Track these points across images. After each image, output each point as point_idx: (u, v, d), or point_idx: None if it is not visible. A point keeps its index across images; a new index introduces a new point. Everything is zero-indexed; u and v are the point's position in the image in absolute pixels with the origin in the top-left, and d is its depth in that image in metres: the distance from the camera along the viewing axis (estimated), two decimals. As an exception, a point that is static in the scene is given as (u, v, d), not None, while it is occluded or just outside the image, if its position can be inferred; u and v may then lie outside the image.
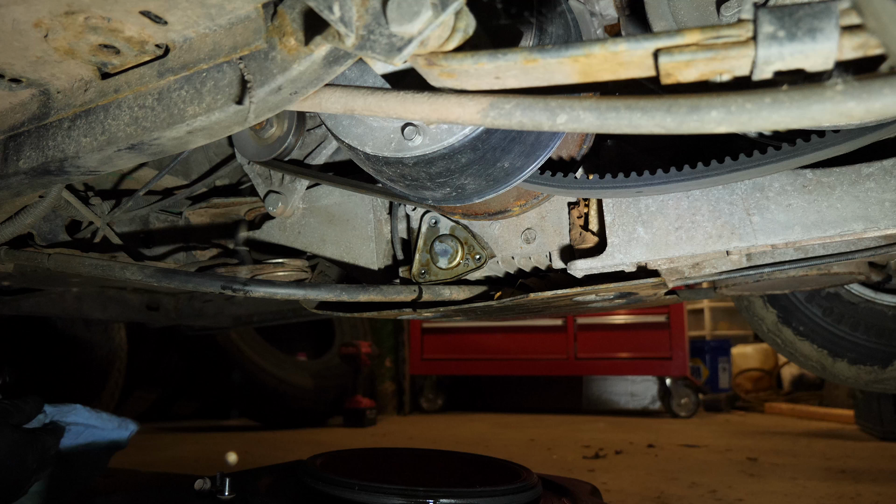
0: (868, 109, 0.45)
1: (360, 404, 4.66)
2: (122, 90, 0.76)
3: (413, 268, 1.18)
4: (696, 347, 6.41)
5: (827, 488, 2.48)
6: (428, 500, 1.09)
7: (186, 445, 3.60)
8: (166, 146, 0.78)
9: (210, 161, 1.44)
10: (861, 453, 3.36)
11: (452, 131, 0.78)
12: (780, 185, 0.92)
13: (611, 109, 0.54)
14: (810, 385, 6.34)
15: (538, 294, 1.07)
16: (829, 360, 2.02)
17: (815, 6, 0.47)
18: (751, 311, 2.18)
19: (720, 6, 0.77)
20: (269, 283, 1.11)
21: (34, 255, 1.22)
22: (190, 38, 0.73)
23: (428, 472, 1.36)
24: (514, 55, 0.57)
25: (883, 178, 0.87)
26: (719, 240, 0.94)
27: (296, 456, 1.62)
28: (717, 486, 2.50)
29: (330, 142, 1.19)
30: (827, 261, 1.14)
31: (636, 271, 1.05)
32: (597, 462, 3.10)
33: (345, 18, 0.56)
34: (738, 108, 0.49)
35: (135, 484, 2.36)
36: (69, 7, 0.66)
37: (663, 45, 0.52)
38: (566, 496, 1.34)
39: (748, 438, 4.01)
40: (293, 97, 0.69)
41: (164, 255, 1.48)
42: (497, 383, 6.19)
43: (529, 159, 0.87)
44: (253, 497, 1.17)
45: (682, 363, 5.31)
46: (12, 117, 0.83)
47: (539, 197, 1.07)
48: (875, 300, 1.94)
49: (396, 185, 0.92)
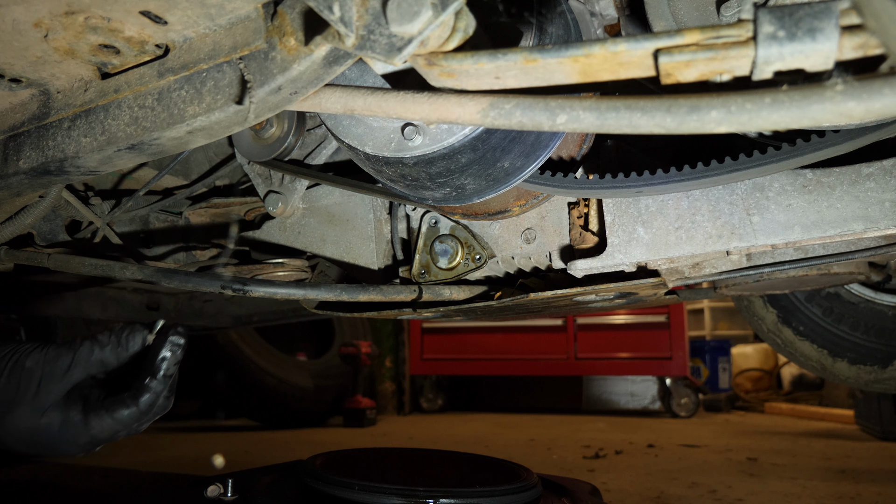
0: (868, 109, 0.45)
1: (360, 404, 4.66)
2: (122, 90, 0.76)
3: (413, 268, 1.18)
4: (696, 347, 6.42)
5: (827, 488, 2.48)
6: (428, 500, 1.09)
7: (186, 445, 3.60)
8: (166, 146, 0.78)
9: (210, 161, 1.44)
10: (861, 453, 3.36)
11: (452, 131, 0.78)
12: (780, 185, 0.92)
13: (611, 109, 0.54)
14: (810, 385, 6.35)
15: (538, 294, 1.07)
16: (829, 360, 2.02)
17: (815, 6, 0.47)
18: (751, 311, 2.18)
19: (720, 6, 0.77)
20: (268, 282, 1.11)
21: (34, 254, 1.22)
22: (190, 38, 0.73)
23: (428, 472, 1.36)
24: (514, 55, 0.57)
25: (883, 178, 0.87)
26: (719, 240, 0.94)
27: (296, 456, 1.62)
28: (717, 486, 2.50)
29: (330, 142, 1.19)
30: (827, 261, 1.14)
31: (636, 271, 1.05)
32: (597, 462, 3.10)
33: (345, 18, 0.56)
34: (738, 108, 0.49)
35: (135, 484, 2.36)
36: (69, 7, 0.66)
37: (663, 45, 0.52)
38: (566, 496, 1.34)
39: (748, 438, 4.01)
40: (293, 97, 0.69)
41: (164, 255, 1.48)
42: (497, 383, 6.19)
43: (529, 159, 0.87)
44: (253, 497, 1.17)
45: (682, 363, 5.31)
46: (12, 117, 0.83)
47: (539, 197, 1.07)
48: (875, 300, 1.94)
49: (396, 185, 0.92)
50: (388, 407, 5.76)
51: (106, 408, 0.78)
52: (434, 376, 5.99)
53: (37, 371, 0.76)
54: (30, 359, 0.76)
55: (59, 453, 0.77)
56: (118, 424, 0.77)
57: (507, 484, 1.19)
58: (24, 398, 0.74)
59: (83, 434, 0.76)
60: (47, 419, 0.74)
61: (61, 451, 0.76)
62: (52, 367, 0.77)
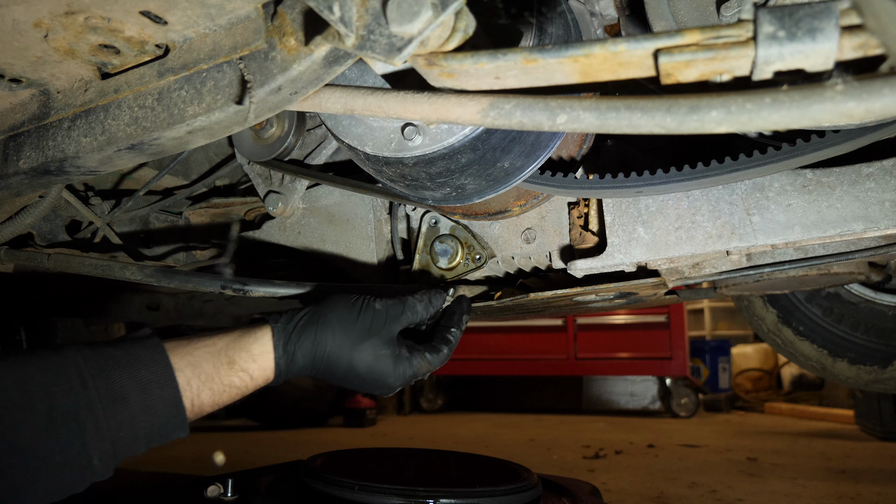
0: (868, 109, 0.45)
1: (360, 404, 4.66)
2: (122, 90, 0.76)
3: (413, 268, 1.18)
4: (696, 347, 6.41)
5: (827, 488, 2.48)
6: (428, 500, 1.09)
7: (186, 445, 3.60)
8: (166, 146, 0.78)
9: (210, 161, 1.44)
10: (861, 453, 3.36)
11: (452, 131, 0.78)
12: (780, 185, 0.92)
13: (611, 109, 0.54)
14: (810, 385, 6.34)
15: (538, 294, 1.07)
16: (829, 360, 2.02)
17: (815, 6, 0.47)
18: (751, 311, 2.18)
19: (720, 6, 0.77)
20: (268, 282, 1.11)
21: (34, 254, 1.22)
22: (190, 39, 0.73)
23: (428, 472, 1.36)
24: (514, 55, 0.57)
25: (883, 178, 0.87)
26: (719, 240, 0.94)
27: (296, 456, 1.62)
28: (717, 486, 2.50)
29: (330, 142, 1.19)
30: (827, 261, 1.14)
31: (636, 271, 1.05)
32: (597, 462, 3.10)
33: (345, 18, 0.56)
34: (738, 108, 0.49)
35: (135, 484, 2.36)
36: (69, 7, 0.66)
37: (663, 45, 0.52)
38: (566, 496, 1.34)
39: (748, 438, 4.01)
40: (293, 97, 0.69)
41: (164, 255, 1.48)
42: (497, 383, 6.19)
43: (529, 159, 0.87)
44: (254, 497, 1.17)
45: (682, 363, 5.32)
46: (12, 117, 0.83)
47: (539, 197, 1.07)
48: (875, 300, 1.94)
49: (396, 185, 0.92)
50: (388, 407, 5.76)
51: (426, 350, 0.93)
52: (434, 376, 5.99)
53: (383, 312, 0.91)
54: (377, 303, 0.91)
55: (378, 388, 0.90)
56: (428, 365, 0.93)
57: (508, 484, 1.19)
58: (377, 331, 0.89)
59: (408, 369, 0.90)
60: (387, 351, 0.89)
61: (384, 383, 0.89)
62: (393, 311, 0.92)
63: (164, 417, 0.75)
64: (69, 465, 0.69)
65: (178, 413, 0.76)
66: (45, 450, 0.68)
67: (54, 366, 0.72)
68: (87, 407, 0.70)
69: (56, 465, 0.68)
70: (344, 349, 0.87)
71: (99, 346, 0.76)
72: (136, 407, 0.73)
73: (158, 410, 0.75)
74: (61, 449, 0.68)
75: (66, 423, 0.69)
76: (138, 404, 0.73)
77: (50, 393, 0.70)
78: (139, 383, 0.74)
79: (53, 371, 0.71)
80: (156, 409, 0.74)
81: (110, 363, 0.74)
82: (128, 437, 0.73)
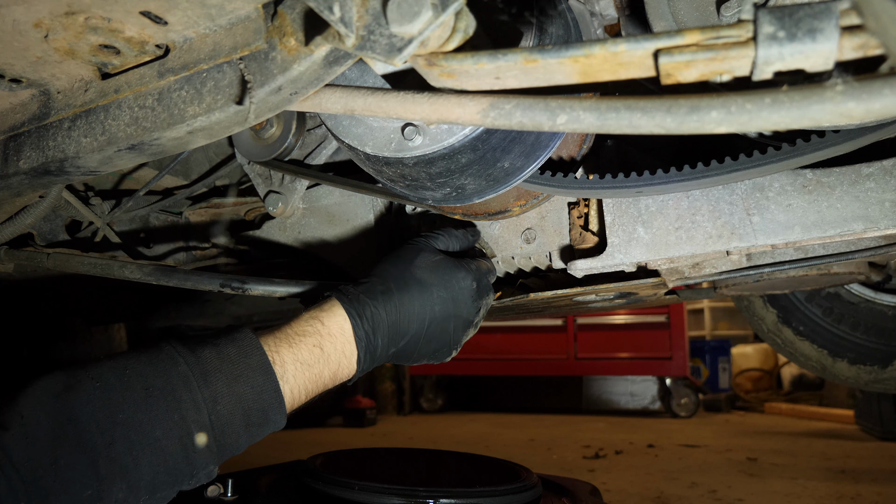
0: (868, 109, 0.45)
1: (360, 404, 4.67)
2: (122, 90, 0.76)
3: (413, 268, 1.18)
4: (696, 347, 6.42)
5: (827, 488, 2.48)
6: (428, 500, 1.09)
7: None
8: (166, 146, 0.78)
9: (210, 161, 1.44)
10: (861, 453, 3.36)
11: (452, 131, 0.78)
12: (780, 185, 0.92)
13: (611, 109, 0.54)
14: (810, 385, 6.35)
15: (538, 294, 1.07)
16: (829, 360, 2.02)
17: (815, 6, 0.47)
18: (751, 311, 2.18)
19: (720, 6, 0.77)
20: (267, 281, 1.11)
21: (34, 254, 1.22)
22: (190, 39, 0.73)
23: (428, 472, 1.36)
24: (514, 55, 0.57)
25: (883, 178, 0.87)
26: (719, 240, 0.94)
27: (296, 456, 1.62)
28: (717, 486, 2.50)
29: (330, 142, 1.19)
30: (827, 261, 1.14)
31: (636, 271, 1.05)
32: (597, 462, 3.11)
33: (345, 19, 0.56)
34: (738, 108, 0.49)
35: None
36: (69, 7, 0.66)
37: (663, 45, 0.52)
38: (566, 496, 1.34)
39: (748, 438, 4.01)
40: (293, 97, 0.69)
41: (164, 255, 1.48)
42: (497, 383, 6.19)
43: (529, 159, 0.87)
44: (253, 497, 1.17)
45: (682, 363, 5.32)
46: (12, 117, 0.83)
47: (539, 197, 1.07)
48: (875, 300, 1.94)
49: (396, 186, 0.92)
50: (388, 407, 5.76)
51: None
52: (434, 376, 5.99)
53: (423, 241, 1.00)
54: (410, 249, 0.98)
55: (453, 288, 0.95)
56: (487, 263, 1.03)
57: (508, 484, 1.19)
58: (422, 247, 0.98)
59: (470, 262, 0.98)
60: (439, 256, 0.96)
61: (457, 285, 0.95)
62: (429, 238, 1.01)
63: (257, 391, 0.75)
64: (169, 439, 0.68)
65: (271, 383, 0.76)
66: (145, 423, 0.67)
67: (148, 352, 0.73)
68: (183, 382, 0.71)
69: (156, 439, 0.67)
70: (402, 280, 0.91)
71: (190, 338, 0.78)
72: (229, 377, 0.74)
73: (251, 379, 0.75)
74: (160, 422, 0.68)
75: (164, 397, 0.69)
76: (230, 374, 0.74)
77: (144, 373, 0.70)
78: (229, 359, 0.75)
79: (147, 355, 0.73)
80: (248, 377, 0.75)
81: (201, 346, 0.75)
82: (225, 412, 0.72)
